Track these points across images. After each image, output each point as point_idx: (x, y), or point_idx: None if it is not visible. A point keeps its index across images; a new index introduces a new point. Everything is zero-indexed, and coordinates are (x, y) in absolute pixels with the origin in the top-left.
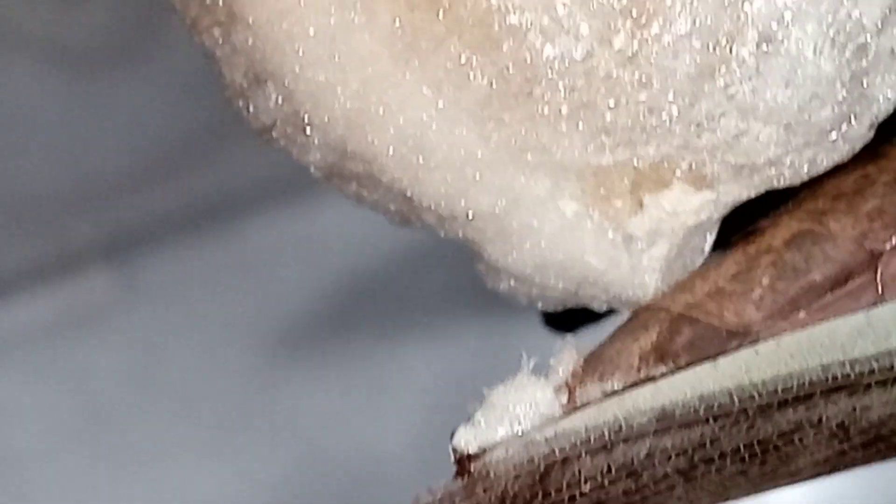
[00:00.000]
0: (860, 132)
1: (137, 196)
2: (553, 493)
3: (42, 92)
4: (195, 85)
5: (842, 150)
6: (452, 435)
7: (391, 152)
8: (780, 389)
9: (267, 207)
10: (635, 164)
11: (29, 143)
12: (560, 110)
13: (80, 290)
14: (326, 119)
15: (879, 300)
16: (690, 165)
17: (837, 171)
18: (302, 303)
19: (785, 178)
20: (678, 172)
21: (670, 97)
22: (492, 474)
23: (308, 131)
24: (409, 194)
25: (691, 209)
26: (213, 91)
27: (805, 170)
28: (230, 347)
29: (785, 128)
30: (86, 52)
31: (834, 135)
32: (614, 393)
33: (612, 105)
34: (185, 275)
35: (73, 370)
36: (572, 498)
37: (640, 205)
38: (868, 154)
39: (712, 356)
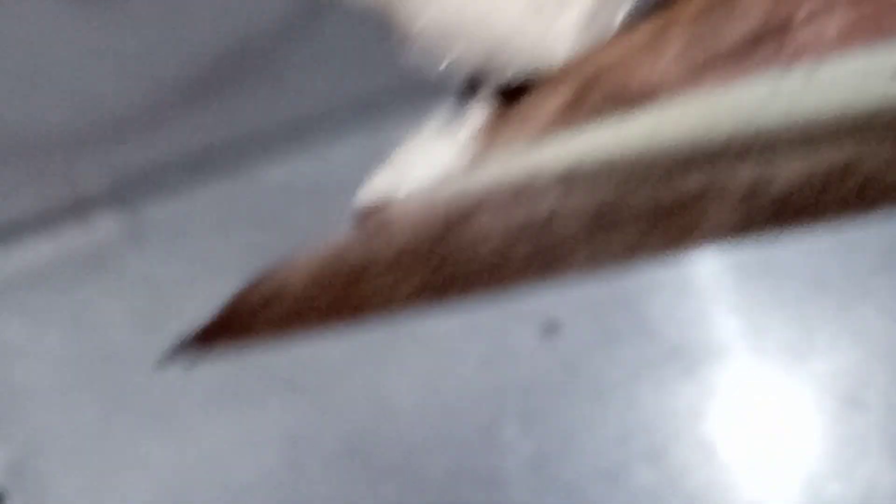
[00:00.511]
0: None
1: (144, 137)
2: (454, 250)
3: (47, 24)
4: (205, 24)
5: None
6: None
7: None
8: (685, 152)
9: (276, 150)
10: None
11: (30, 77)
12: None
13: (86, 231)
14: None
15: (788, 66)
16: None
17: None
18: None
19: None
20: None
21: None
22: (391, 229)
23: None
24: None
25: None
26: (225, 30)
27: None
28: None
29: None
30: None
31: None
32: (521, 151)
33: None
34: (192, 217)
35: (80, 311)
36: (473, 256)
37: None
38: None
39: (619, 117)
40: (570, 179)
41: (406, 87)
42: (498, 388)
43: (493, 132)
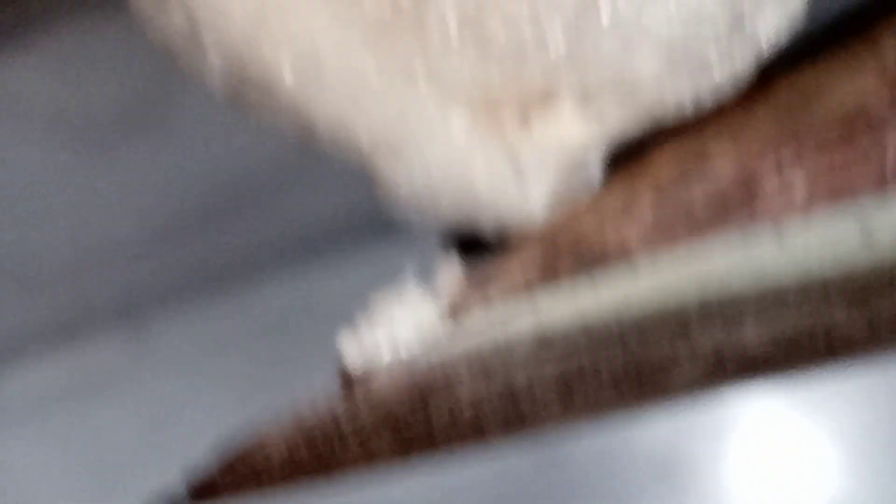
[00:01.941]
0: (742, 68)
1: (150, 261)
2: (434, 417)
3: (54, 162)
4: (207, 153)
5: (724, 86)
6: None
7: (287, 75)
8: (657, 318)
9: (282, 269)
10: (524, 93)
11: (41, 211)
12: (450, 37)
13: (93, 353)
14: (226, 41)
15: (754, 221)
16: (576, 91)
17: (721, 108)
18: (319, 367)
19: (668, 110)
20: (565, 104)
21: (557, 28)
22: (375, 396)
23: (209, 53)
24: (305, 115)
25: (578, 140)
26: (226, 158)
27: (687, 103)
28: (245, 412)
29: (668, 61)
30: (96, 122)
31: (716, 70)
32: (495, 312)
33: (501, 35)
34: (198, 339)
35: (86, 434)
36: (453, 422)
37: (529, 135)
38: (751, 90)
39: (592, 278)
40: (545, 342)
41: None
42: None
43: (469, 291)
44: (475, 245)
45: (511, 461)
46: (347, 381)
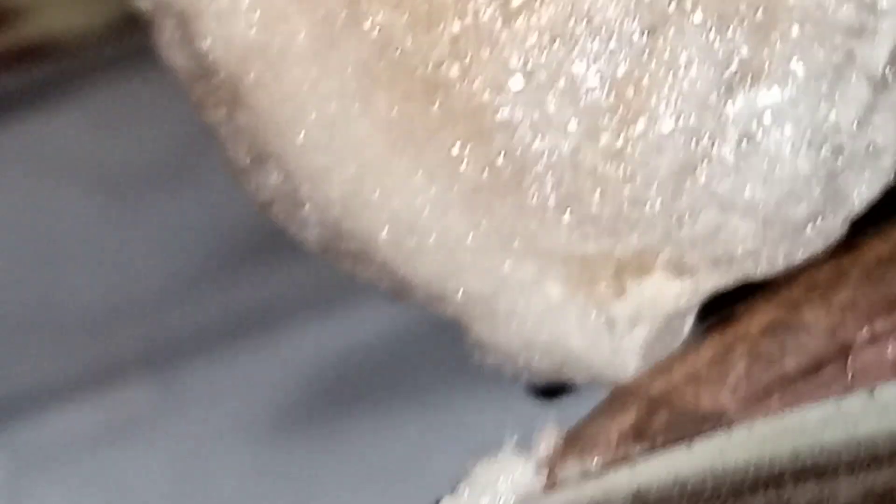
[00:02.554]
0: (834, 227)
1: (178, 309)
2: None
3: (85, 213)
4: (236, 203)
5: (816, 245)
6: None
7: (384, 234)
8: (751, 473)
9: (307, 317)
10: (618, 252)
11: (71, 260)
12: (547, 201)
13: (121, 401)
14: (323, 200)
15: (849, 390)
16: (671, 255)
17: (812, 262)
18: (344, 410)
19: (761, 269)
20: (659, 261)
21: (653, 191)
22: None
23: (306, 210)
24: (400, 274)
25: (671, 296)
26: (253, 209)
27: (780, 262)
28: (274, 457)
29: (762, 223)
30: (131, 175)
31: (809, 230)
32: (592, 473)
33: (597, 198)
34: (225, 386)
35: (116, 482)
36: None
37: (623, 290)
38: (842, 247)
39: (687, 438)
40: (642, 499)
41: None
42: None
43: (564, 450)
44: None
45: None
46: None
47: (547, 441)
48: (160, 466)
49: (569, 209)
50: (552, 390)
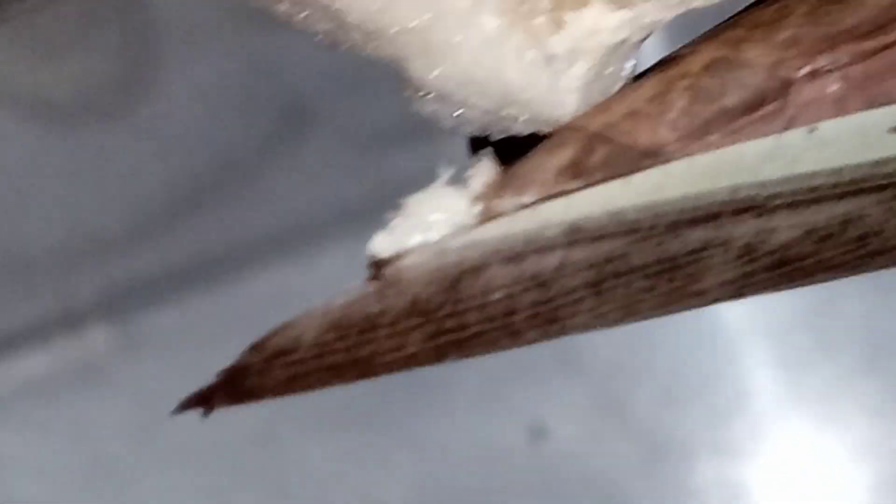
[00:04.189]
0: None
1: (134, 250)
2: (464, 300)
3: (30, 147)
4: (185, 137)
5: None
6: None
7: None
8: (688, 208)
9: (264, 260)
10: None
11: (21, 198)
12: None
13: (79, 344)
14: None
15: (789, 126)
16: None
17: (757, 3)
18: None
19: None
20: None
21: None
22: (404, 280)
23: None
24: (336, 9)
25: (610, 28)
26: (209, 145)
27: None
28: None
29: None
30: (71, 105)
31: None
32: (528, 206)
33: None
34: (184, 328)
35: (74, 425)
36: (482, 306)
37: (561, 23)
38: None
39: (626, 174)
40: (577, 231)
41: (392, 197)
42: (485, 488)
43: (501, 186)
44: (505, 148)
45: None
46: (377, 268)
47: (482, 176)
48: (120, 410)
49: None
50: (493, 147)
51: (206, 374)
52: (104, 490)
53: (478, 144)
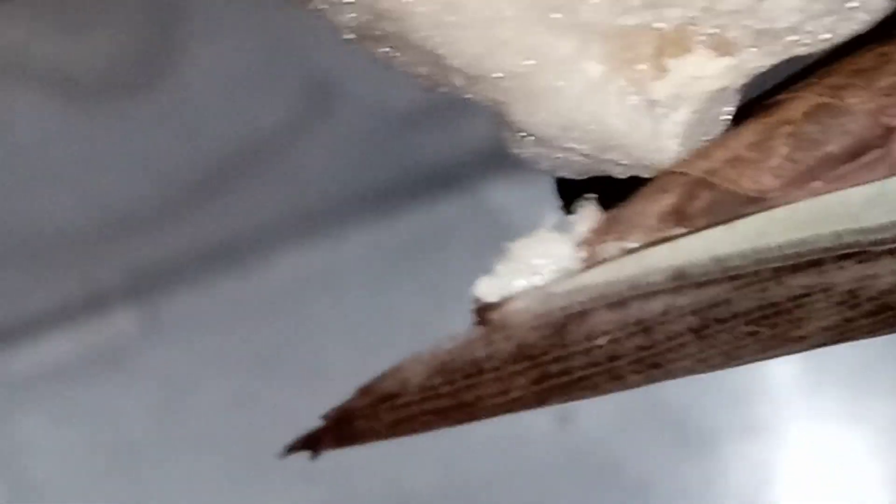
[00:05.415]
0: (878, 2)
1: (159, 231)
2: (569, 345)
3: (54, 125)
4: (210, 116)
5: (860, 20)
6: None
7: (422, 10)
8: (792, 254)
9: (288, 242)
10: (659, 26)
11: (43, 178)
12: None
13: (104, 327)
14: None
15: (892, 172)
16: (713, 30)
17: (856, 49)
18: (327, 336)
19: (804, 45)
20: (701, 37)
21: None
22: (510, 324)
23: None
24: (438, 53)
25: (713, 74)
26: (234, 125)
27: (823, 37)
28: (256, 383)
29: None
30: (95, 83)
31: (853, 2)
32: (632, 251)
33: None
34: (209, 311)
35: (98, 408)
36: (587, 350)
37: (664, 69)
38: (887, 33)
39: (728, 220)
40: (681, 277)
41: (419, 178)
42: (513, 473)
43: (605, 230)
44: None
45: None
46: (483, 313)
47: (586, 220)
48: (144, 394)
49: None
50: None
51: (229, 356)
52: (128, 473)
53: (565, 186)
